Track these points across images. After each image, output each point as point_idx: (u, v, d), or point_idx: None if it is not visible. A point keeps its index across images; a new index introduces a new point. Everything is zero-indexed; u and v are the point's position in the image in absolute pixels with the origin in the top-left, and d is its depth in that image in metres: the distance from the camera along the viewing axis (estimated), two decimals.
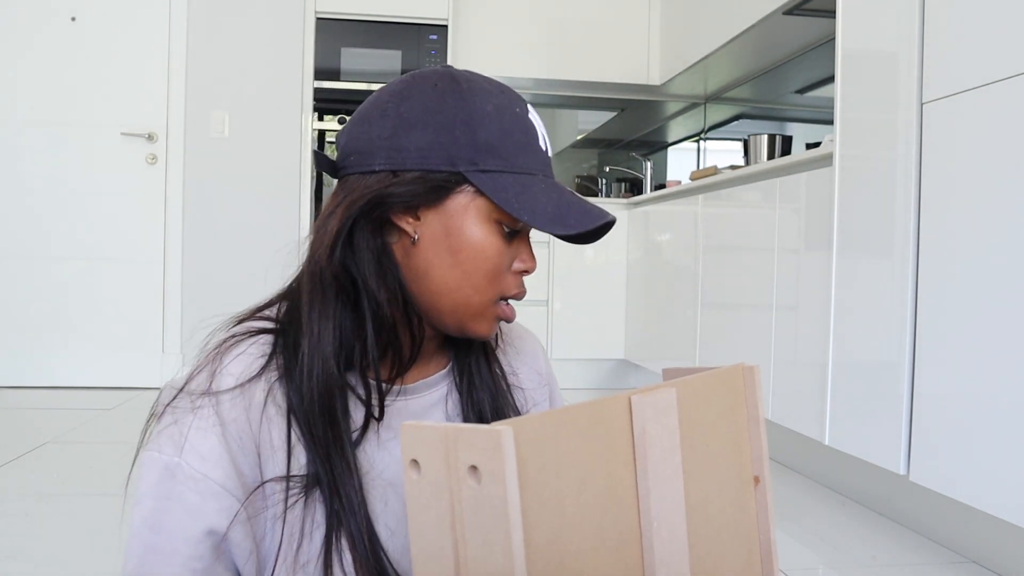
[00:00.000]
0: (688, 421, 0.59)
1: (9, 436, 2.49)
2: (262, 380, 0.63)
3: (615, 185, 4.36)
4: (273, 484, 0.62)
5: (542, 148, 0.67)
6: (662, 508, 0.56)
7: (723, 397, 0.62)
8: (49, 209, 3.28)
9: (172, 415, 0.62)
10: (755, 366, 0.64)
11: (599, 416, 0.54)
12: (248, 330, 0.67)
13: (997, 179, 1.40)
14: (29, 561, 1.46)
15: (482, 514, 0.49)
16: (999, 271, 1.38)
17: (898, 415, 1.64)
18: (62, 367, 3.29)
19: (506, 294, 0.67)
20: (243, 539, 0.61)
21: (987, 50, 1.43)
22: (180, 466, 0.60)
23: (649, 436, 0.56)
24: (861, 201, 1.81)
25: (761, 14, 2.87)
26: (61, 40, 3.27)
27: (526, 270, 0.68)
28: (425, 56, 3.52)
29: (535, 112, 0.70)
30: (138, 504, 0.61)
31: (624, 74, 3.93)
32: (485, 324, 0.67)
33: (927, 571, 1.52)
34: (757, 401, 0.63)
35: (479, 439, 0.48)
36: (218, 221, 3.42)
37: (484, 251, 0.64)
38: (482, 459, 0.49)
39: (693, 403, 0.60)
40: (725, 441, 0.62)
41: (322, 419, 0.63)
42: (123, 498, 0.69)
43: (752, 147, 2.75)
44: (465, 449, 0.49)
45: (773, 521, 0.64)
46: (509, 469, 0.47)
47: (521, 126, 0.66)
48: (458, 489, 0.50)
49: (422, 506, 0.52)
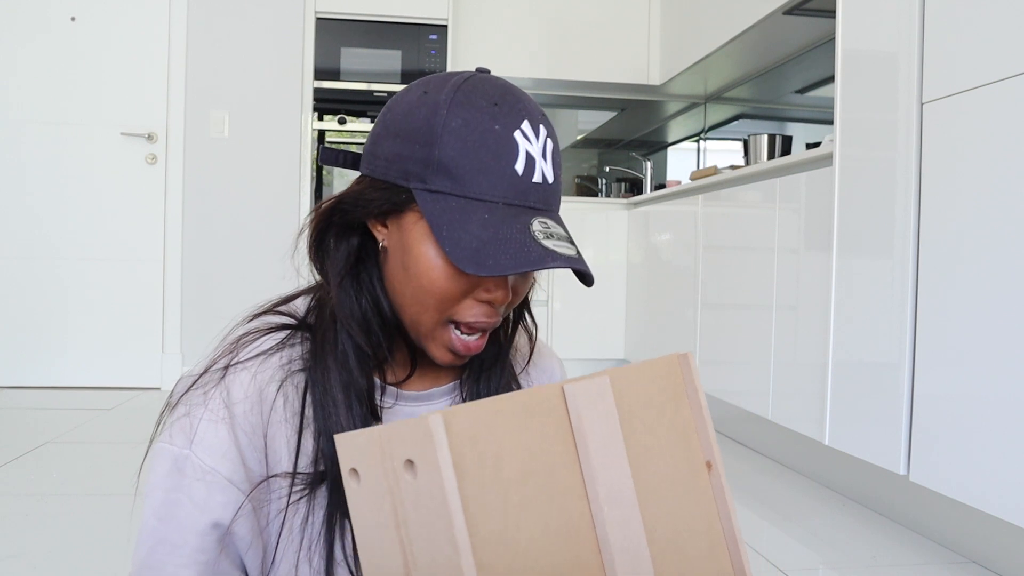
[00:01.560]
0: (627, 408, 0.59)
1: (9, 436, 2.49)
2: (276, 375, 0.64)
3: (615, 185, 4.36)
4: (278, 479, 0.63)
5: (517, 172, 0.59)
6: (610, 493, 0.56)
7: (662, 386, 0.62)
8: (49, 209, 3.28)
9: (185, 406, 0.63)
10: (688, 353, 0.63)
11: (534, 405, 0.53)
12: (266, 325, 0.67)
13: (997, 179, 1.39)
14: (29, 561, 1.46)
15: (422, 507, 0.48)
16: (999, 271, 1.38)
17: (898, 415, 1.64)
18: (62, 367, 3.29)
19: (455, 319, 0.62)
20: (246, 532, 0.62)
21: (987, 50, 1.43)
22: (189, 458, 0.61)
23: (586, 422, 0.56)
24: (861, 201, 1.81)
25: (761, 14, 2.87)
26: (61, 40, 3.27)
27: (490, 301, 0.62)
28: (425, 56, 3.51)
29: (542, 133, 0.62)
30: (149, 494, 0.62)
31: (624, 74, 3.93)
32: (436, 348, 0.64)
33: (927, 571, 1.52)
34: (696, 388, 0.62)
35: (410, 431, 0.48)
36: (218, 221, 3.42)
37: (429, 272, 0.61)
38: (415, 451, 0.48)
39: (630, 391, 0.59)
40: (671, 429, 0.62)
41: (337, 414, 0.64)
42: (134, 487, 0.70)
43: (752, 147, 2.75)
44: (399, 445, 0.49)
45: (732, 504, 0.63)
46: (442, 455, 0.47)
47: (492, 146, 0.59)
48: (397, 489, 0.49)
49: (365, 513, 0.52)
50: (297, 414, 0.64)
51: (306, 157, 3.47)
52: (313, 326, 0.67)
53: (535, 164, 0.61)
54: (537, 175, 0.61)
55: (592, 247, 3.63)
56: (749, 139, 2.76)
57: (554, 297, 3.53)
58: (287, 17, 3.45)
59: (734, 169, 2.61)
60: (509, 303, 0.64)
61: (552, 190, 0.62)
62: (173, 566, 0.61)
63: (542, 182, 0.61)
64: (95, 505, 1.78)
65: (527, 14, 3.80)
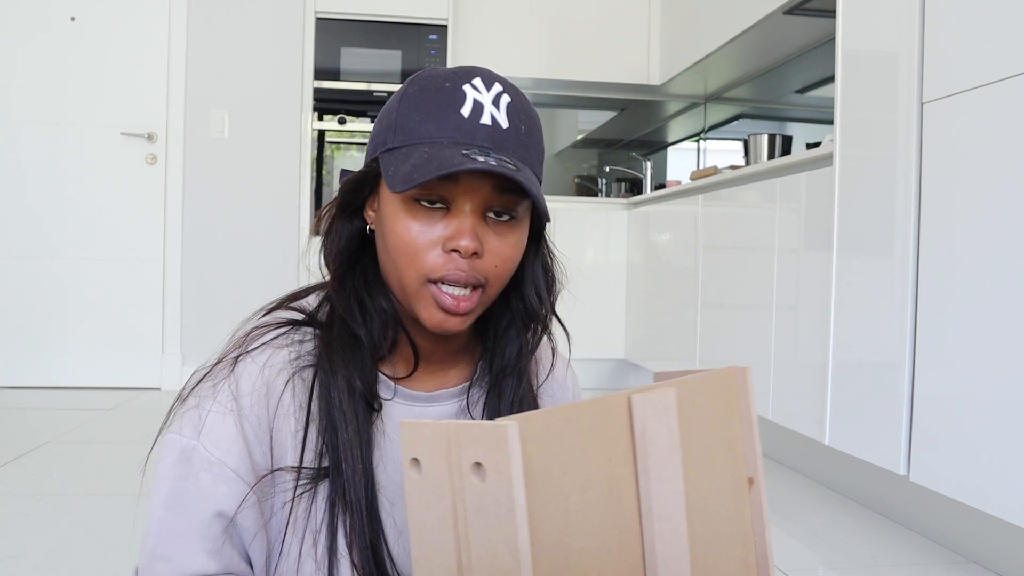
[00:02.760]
0: (687, 422, 0.58)
1: (9, 436, 2.49)
2: (284, 370, 0.66)
3: (615, 185, 4.36)
4: (283, 472, 0.64)
5: (463, 115, 0.62)
6: (663, 507, 0.56)
7: (718, 398, 0.62)
8: (49, 209, 3.28)
9: (195, 398, 0.65)
10: (747, 368, 0.63)
11: (600, 414, 0.53)
12: (277, 320, 0.69)
13: (997, 179, 1.39)
14: (29, 561, 1.46)
15: (487, 512, 0.48)
16: (999, 271, 1.38)
17: (898, 415, 1.64)
18: (62, 367, 3.29)
19: (431, 276, 0.63)
20: (251, 523, 0.64)
21: (987, 50, 1.43)
22: (197, 449, 0.63)
23: (650, 435, 0.56)
24: (861, 201, 1.81)
25: (761, 14, 2.87)
26: (61, 40, 3.27)
27: (455, 248, 0.62)
28: (425, 56, 3.51)
29: (495, 88, 0.64)
30: (158, 484, 0.64)
31: (624, 74, 3.93)
32: (425, 311, 0.64)
33: (927, 571, 1.52)
34: (750, 403, 0.63)
35: (484, 435, 0.47)
36: (218, 221, 3.41)
37: (395, 228, 0.63)
38: (487, 456, 0.48)
39: (691, 403, 0.59)
40: (721, 442, 0.62)
41: (342, 410, 0.65)
42: (140, 479, 0.73)
43: (752, 147, 2.75)
44: (468, 446, 0.48)
45: (767, 522, 0.63)
46: (515, 465, 0.47)
47: (441, 98, 0.63)
48: (461, 487, 0.49)
49: (423, 505, 0.51)
50: (304, 408, 0.65)
51: (306, 157, 3.47)
52: (322, 321, 0.69)
53: (483, 108, 0.62)
54: (485, 118, 0.62)
55: (592, 247, 3.63)
56: (749, 139, 2.76)
57: None
58: (287, 17, 3.45)
59: (734, 169, 2.61)
60: (496, 267, 0.64)
61: (506, 135, 0.63)
62: (180, 555, 0.62)
63: (491, 124, 0.62)
64: (95, 505, 1.78)
65: (527, 14, 3.80)
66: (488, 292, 0.65)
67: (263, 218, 3.44)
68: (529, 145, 0.65)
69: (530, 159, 0.65)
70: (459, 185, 0.62)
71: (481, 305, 0.66)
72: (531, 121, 0.66)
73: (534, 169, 0.65)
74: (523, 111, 0.65)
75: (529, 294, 0.72)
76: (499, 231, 0.64)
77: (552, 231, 0.77)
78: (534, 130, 0.66)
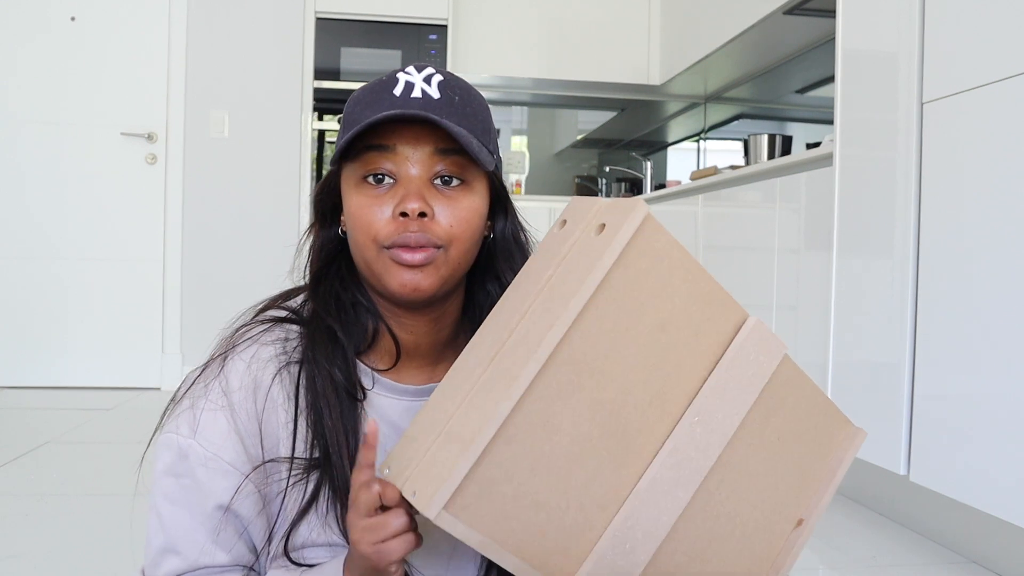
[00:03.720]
0: (776, 395, 0.59)
1: (9, 436, 2.49)
2: (271, 363, 0.68)
3: (615, 185, 4.36)
4: (276, 463, 0.67)
5: (395, 95, 0.66)
6: (706, 423, 0.56)
7: (816, 423, 0.61)
8: (49, 209, 3.28)
9: (189, 399, 0.68)
10: (864, 434, 0.64)
11: (716, 305, 0.57)
12: (266, 318, 0.72)
13: (997, 179, 1.39)
14: (29, 561, 1.46)
15: (581, 256, 0.53)
16: (999, 271, 1.38)
17: (898, 415, 1.64)
18: (62, 367, 3.29)
19: (384, 242, 0.66)
20: (248, 511, 0.66)
21: (987, 50, 1.43)
22: (192, 447, 0.65)
23: (739, 358, 0.57)
24: (861, 201, 1.81)
25: (761, 14, 2.87)
26: (61, 40, 3.27)
27: (403, 212, 0.64)
28: (425, 56, 3.51)
29: (427, 70, 0.68)
30: (158, 482, 0.66)
31: (624, 74, 3.93)
32: (391, 279, 0.66)
33: (927, 571, 1.52)
34: (845, 462, 0.63)
35: (620, 204, 0.54)
36: (218, 221, 3.41)
37: (350, 209, 0.68)
38: (612, 218, 0.54)
39: (790, 392, 0.60)
40: (793, 461, 0.61)
41: (328, 403, 0.67)
42: (135, 480, 0.76)
43: (752, 147, 2.75)
44: (606, 213, 0.55)
45: (791, 562, 0.62)
46: (627, 228, 0.52)
47: (376, 87, 0.67)
48: (578, 240, 0.55)
49: (544, 250, 0.59)
50: (292, 400, 0.67)
51: (306, 157, 3.47)
52: (305, 318, 0.72)
53: (414, 86, 0.66)
54: (416, 92, 0.66)
55: None
56: (749, 139, 2.76)
57: None
58: (287, 17, 3.45)
59: (734, 169, 2.61)
60: (451, 227, 0.66)
61: (439, 103, 0.66)
62: (189, 547, 0.65)
63: (422, 96, 0.66)
64: (95, 505, 1.78)
65: (527, 14, 3.80)
66: (450, 253, 0.66)
67: (263, 218, 3.43)
68: (467, 114, 0.67)
69: (468, 124, 0.67)
70: (398, 154, 0.65)
71: (448, 267, 0.67)
72: (467, 94, 0.68)
73: (476, 134, 0.67)
74: (457, 87, 0.68)
75: (504, 271, 0.73)
76: (450, 195, 0.67)
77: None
78: (471, 102, 0.68)
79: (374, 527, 0.57)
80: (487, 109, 0.71)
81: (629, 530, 0.54)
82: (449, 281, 0.68)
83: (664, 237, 0.54)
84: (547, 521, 0.52)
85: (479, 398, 0.53)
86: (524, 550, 0.52)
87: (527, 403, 0.50)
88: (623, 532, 0.54)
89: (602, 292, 0.51)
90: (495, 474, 0.51)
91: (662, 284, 0.54)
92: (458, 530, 0.50)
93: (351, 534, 0.59)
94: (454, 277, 0.68)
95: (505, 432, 0.50)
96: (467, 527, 0.50)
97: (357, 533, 0.58)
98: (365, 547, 0.57)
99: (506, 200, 0.75)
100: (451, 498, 0.50)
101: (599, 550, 0.54)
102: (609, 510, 0.54)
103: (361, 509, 0.57)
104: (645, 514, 0.54)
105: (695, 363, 0.56)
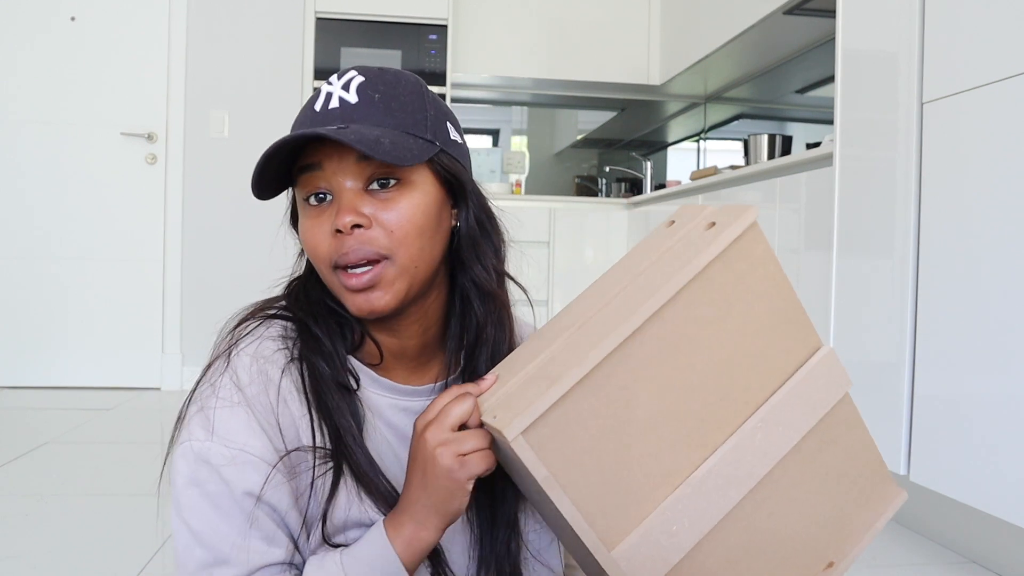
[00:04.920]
0: (831, 431, 0.62)
1: (9, 436, 2.49)
2: (277, 355, 0.67)
3: (615, 185, 4.36)
4: (300, 454, 0.65)
5: (315, 109, 0.66)
6: (767, 432, 0.58)
7: (864, 471, 0.65)
8: (49, 209, 3.28)
9: (197, 403, 0.65)
10: (905, 495, 0.68)
11: (797, 321, 0.60)
12: (259, 311, 0.71)
13: (997, 179, 1.39)
14: (29, 561, 1.46)
15: (687, 247, 0.57)
16: (999, 271, 1.38)
17: (898, 415, 1.64)
18: (62, 367, 3.29)
19: (331, 263, 0.65)
20: (283, 503, 0.63)
21: (987, 50, 1.43)
22: (212, 449, 0.62)
23: (808, 380, 0.60)
24: (861, 201, 1.81)
25: (761, 14, 2.87)
26: (61, 40, 3.27)
27: (338, 228, 0.64)
28: (425, 56, 3.51)
29: (349, 74, 0.68)
30: (183, 496, 0.62)
31: (624, 74, 3.93)
32: (348, 298, 0.66)
33: (927, 571, 1.52)
34: (883, 519, 0.66)
35: (734, 207, 0.57)
36: (218, 221, 3.41)
37: (300, 232, 0.69)
38: (722, 218, 0.57)
39: (845, 431, 0.63)
40: (835, 501, 0.63)
41: (330, 398, 0.66)
42: (158, 486, 0.70)
43: (752, 147, 2.75)
44: (717, 214, 0.58)
45: None
46: (735, 226, 0.55)
47: (307, 103, 0.68)
48: (687, 233, 0.59)
49: (647, 242, 0.63)
50: (301, 391, 0.66)
51: None
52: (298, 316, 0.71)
53: (332, 96, 0.66)
54: (333, 103, 0.66)
55: (592, 247, 3.63)
56: (749, 139, 2.76)
57: (554, 297, 3.53)
58: (287, 17, 3.45)
59: (734, 169, 2.61)
60: (391, 233, 0.64)
61: (356, 107, 0.66)
62: (238, 553, 0.61)
63: (339, 105, 0.66)
64: (95, 505, 1.78)
65: (527, 14, 3.80)
66: (399, 260, 0.65)
67: (263, 218, 3.42)
68: (390, 109, 0.66)
69: (391, 120, 0.66)
70: (326, 170, 0.65)
71: (402, 277, 0.65)
72: (391, 89, 0.67)
73: (404, 127, 0.66)
74: (380, 83, 0.67)
75: (471, 261, 0.71)
76: (386, 198, 0.65)
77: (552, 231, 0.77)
78: (397, 95, 0.67)
79: (458, 439, 0.59)
80: (418, 95, 0.69)
81: (678, 513, 0.57)
82: (411, 289, 0.66)
83: (765, 247, 0.57)
84: (607, 483, 0.55)
85: (570, 348, 0.57)
86: (582, 502, 0.55)
87: (614, 361, 0.54)
88: (672, 514, 0.57)
89: (700, 280, 0.55)
90: (573, 420, 0.54)
91: (753, 290, 0.57)
92: (529, 458, 0.53)
93: (428, 448, 0.60)
94: (415, 283, 0.66)
95: (590, 381, 0.54)
96: (537, 458, 0.53)
97: (439, 446, 0.59)
98: (448, 459, 0.59)
99: (461, 184, 0.70)
100: (530, 426, 0.53)
101: (647, 524, 0.56)
102: (664, 490, 0.57)
103: (448, 421, 0.60)
104: (695, 503, 0.57)
105: (767, 374, 0.59)
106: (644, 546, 0.56)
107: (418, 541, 0.62)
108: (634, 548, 0.56)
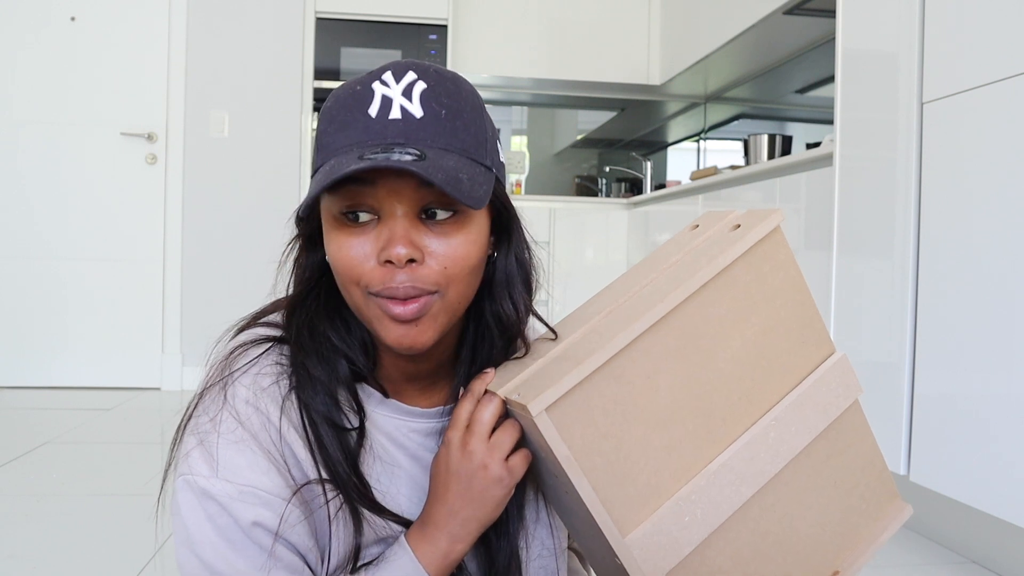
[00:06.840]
0: (841, 438, 0.63)
1: (8, 436, 2.49)
2: (275, 391, 0.62)
3: (615, 185, 4.36)
4: (310, 488, 0.61)
5: (371, 115, 0.58)
6: (780, 431, 0.60)
7: (871, 482, 0.66)
8: (48, 209, 3.28)
9: (195, 436, 0.60)
10: (911, 510, 0.69)
11: (813, 326, 0.62)
12: (254, 338, 0.65)
13: (997, 179, 1.39)
14: (29, 561, 1.46)
15: (712, 245, 0.58)
16: (999, 271, 1.38)
17: (898, 415, 1.64)
18: (61, 367, 3.29)
19: (371, 289, 0.58)
20: (300, 538, 0.60)
21: (987, 50, 1.43)
22: (216, 486, 0.58)
23: (821, 383, 0.62)
24: (861, 201, 1.81)
25: (761, 14, 2.87)
26: (60, 40, 3.26)
27: (388, 259, 0.57)
28: (425, 56, 3.51)
29: (408, 76, 0.60)
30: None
31: (624, 74, 3.93)
32: (383, 328, 0.60)
33: (927, 571, 1.52)
34: (889, 532, 0.66)
35: (759, 211, 0.59)
36: (218, 221, 3.41)
37: (331, 249, 0.60)
38: (748, 220, 0.59)
39: (854, 440, 0.65)
40: (842, 510, 0.65)
41: (325, 428, 0.62)
42: (157, 499, 0.66)
43: (752, 147, 2.75)
44: (742, 217, 0.60)
45: None
46: (761, 228, 0.57)
47: (351, 103, 0.60)
48: (713, 232, 0.61)
49: (672, 243, 0.65)
50: (301, 427, 0.62)
51: (306, 157, 3.47)
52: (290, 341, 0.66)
53: (392, 103, 0.58)
54: (394, 112, 0.58)
55: (592, 247, 3.63)
56: (749, 139, 2.76)
57: (554, 298, 3.53)
58: (287, 17, 3.45)
59: (734, 169, 2.61)
60: (445, 269, 0.59)
61: (422, 124, 0.58)
62: None
63: (402, 117, 0.58)
64: (95, 505, 1.78)
65: (527, 14, 3.80)
66: (448, 297, 0.60)
67: (263, 218, 3.43)
68: (456, 129, 0.59)
69: (458, 143, 0.59)
70: (379, 189, 0.57)
71: (446, 312, 0.60)
72: (455, 102, 0.60)
73: (469, 152, 0.59)
74: (443, 94, 0.59)
75: (501, 297, 0.66)
76: (441, 231, 0.59)
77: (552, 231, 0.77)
78: (461, 111, 0.60)
79: (499, 443, 0.59)
80: (479, 109, 0.62)
81: (691, 505, 0.58)
82: (449, 323, 0.61)
83: (787, 251, 0.60)
84: (625, 470, 0.57)
85: (596, 333, 0.58)
86: (599, 485, 0.56)
87: (637, 348, 0.56)
88: (685, 505, 0.58)
89: (723, 277, 0.57)
90: (595, 403, 0.55)
91: (774, 292, 0.59)
92: (551, 435, 0.54)
93: (476, 460, 0.60)
94: (454, 318, 0.62)
95: (614, 366, 0.55)
96: (559, 436, 0.54)
97: (485, 455, 0.59)
98: (497, 468, 0.59)
99: (510, 218, 0.65)
100: (555, 403, 0.54)
101: (661, 514, 0.58)
102: (679, 481, 0.58)
103: (483, 430, 0.60)
104: (708, 495, 0.58)
105: (783, 374, 0.61)
106: (657, 535, 0.57)
107: (453, 554, 0.62)
108: (647, 536, 0.57)
